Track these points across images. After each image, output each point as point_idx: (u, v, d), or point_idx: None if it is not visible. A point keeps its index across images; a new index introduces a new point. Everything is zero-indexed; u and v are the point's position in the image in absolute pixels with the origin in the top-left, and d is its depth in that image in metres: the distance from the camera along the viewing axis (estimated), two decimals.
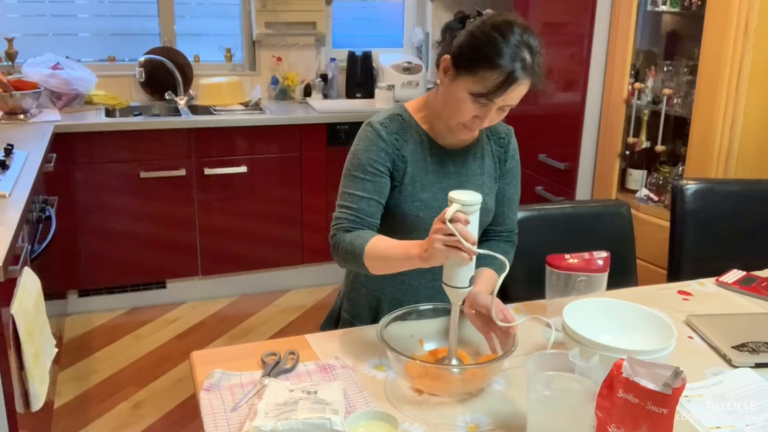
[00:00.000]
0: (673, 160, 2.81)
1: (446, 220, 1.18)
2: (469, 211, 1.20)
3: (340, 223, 1.46)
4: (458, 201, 1.20)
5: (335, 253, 1.46)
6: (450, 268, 1.25)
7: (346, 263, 1.45)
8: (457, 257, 1.20)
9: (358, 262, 1.39)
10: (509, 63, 1.30)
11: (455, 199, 1.20)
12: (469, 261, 1.21)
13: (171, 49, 3.75)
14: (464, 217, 1.19)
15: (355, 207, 1.45)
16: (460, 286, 1.25)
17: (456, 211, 1.19)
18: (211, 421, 1.17)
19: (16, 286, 1.75)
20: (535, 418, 1.09)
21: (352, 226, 1.45)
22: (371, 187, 1.46)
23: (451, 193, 1.21)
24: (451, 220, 1.18)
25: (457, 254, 1.19)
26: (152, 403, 2.68)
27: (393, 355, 1.25)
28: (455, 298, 1.28)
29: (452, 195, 1.21)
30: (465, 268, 1.23)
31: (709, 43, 2.40)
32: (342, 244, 1.43)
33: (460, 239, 1.17)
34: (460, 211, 1.19)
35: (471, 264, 1.23)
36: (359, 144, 1.49)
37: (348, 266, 1.46)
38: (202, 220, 3.42)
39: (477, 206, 1.21)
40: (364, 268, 1.39)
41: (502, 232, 1.63)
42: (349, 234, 1.43)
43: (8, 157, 2.33)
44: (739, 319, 1.57)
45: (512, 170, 1.60)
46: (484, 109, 1.36)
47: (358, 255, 1.38)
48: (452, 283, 1.25)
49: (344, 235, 1.43)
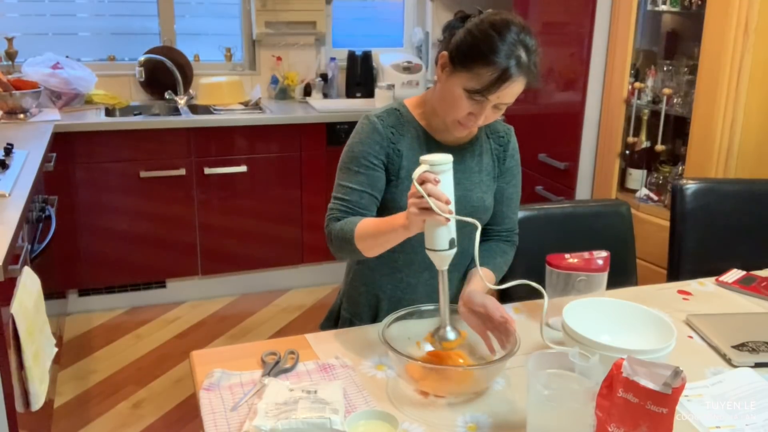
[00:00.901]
0: (673, 160, 2.81)
1: (414, 182, 1.17)
2: (438, 170, 1.19)
3: (332, 214, 1.48)
4: (426, 161, 1.19)
5: (330, 244, 1.48)
6: (429, 231, 1.24)
7: (341, 251, 1.46)
8: (434, 219, 1.20)
9: (350, 246, 1.40)
10: (504, 60, 1.31)
11: (423, 160, 1.20)
12: (445, 222, 1.21)
13: (171, 49, 3.75)
14: (433, 177, 1.19)
15: (347, 199, 1.47)
16: (440, 248, 1.24)
17: (424, 172, 1.18)
18: (210, 420, 1.17)
19: (16, 285, 1.75)
20: (535, 417, 1.09)
21: (342, 216, 1.46)
22: (364, 180, 1.47)
23: (421, 157, 1.21)
24: (420, 182, 1.18)
25: (432, 217, 1.19)
26: (152, 403, 2.68)
27: (395, 356, 1.25)
28: (438, 262, 1.27)
29: (422, 158, 1.21)
30: (443, 229, 1.22)
31: (709, 43, 2.40)
32: (334, 232, 1.44)
33: (429, 201, 1.17)
34: (429, 171, 1.19)
35: (450, 225, 1.23)
36: (355, 137, 1.51)
37: (344, 254, 1.46)
38: (202, 220, 3.42)
39: (446, 165, 1.21)
40: (357, 251, 1.40)
41: (502, 232, 1.63)
42: (339, 222, 1.45)
43: (8, 157, 2.33)
44: (739, 319, 1.57)
45: (511, 169, 1.61)
46: (479, 106, 1.37)
47: (350, 239, 1.39)
48: (431, 246, 1.25)
49: (335, 224, 1.45)
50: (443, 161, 1.20)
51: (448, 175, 1.21)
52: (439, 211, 1.18)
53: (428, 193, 1.17)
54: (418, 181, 1.18)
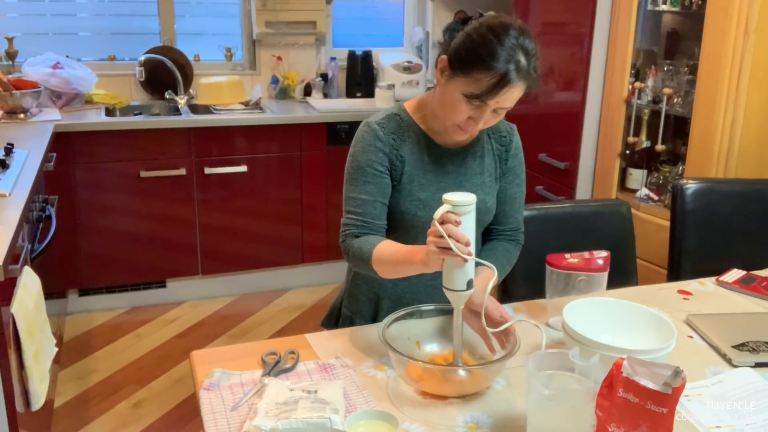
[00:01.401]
0: (673, 160, 2.81)
1: (436, 221, 1.17)
2: (460, 212, 1.19)
3: (348, 230, 1.48)
4: (449, 201, 1.19)
5: (347, 259, 1.49)
6: (447, 270, 1.24)
7: (357, 268, 1.48)
8: (453, 260, 1.20)
9: (368, 267, 1.42)
10: (503, 65, 1.30)
11: (447, 200, 1.19)
12: (463, 264, 1.21)
13: (171, 49, 3.75)
14: (454, 218, 1.18)
15: (360, 211, 1.47)
16: (457, 288, 1.24)
17: (446, 212, 1.18)
18: (211, 420, 1.17)
19: (16, 285, 1.75)
20: (535, 417, 1.09)
21: (360, 231, 1.46)
22: (374, 189, 1.47)
23: (445, 195, 1.20)
24: (441, 222, 1.17)
25: (452, 257, 1.19)
26: (152, 403, 2.68)
27: (395, 357, 1.25)
28: (455, 301, 1.27)
29: (445, 197, 1.20)
30: (461, 270, 1.22)
31: (710, 43, 2.40)
32: (352, 251, 1.45)
33: (449, 241, 1.16)
34: (451, 212, 1.18)
35: (468, 266, 1.22)
36: (357, 145, 1.50)
37: (360, 270, 1.49)
38: (202, 220, 3.42)
39: (470, 207, 1.20)
40: (374, 272, 1.41)
41: (506, 231, 1.62)
42: (358, 240, 1.44)
43: (8, 157, 2.33)
44: (739, 319, 1.57)
45: (514, 169, 1.60)
46: (478, 110, 1.36)
47: (367, 260, 1.40)
48: (449, 286, 1.25)
49: (353, 241, 1.45)
50: (466, 203, 1.19)
51: (470, 216, 1.21)
52: (459, 252, 1.17)
53: (448, 234, 1.17)
54: (439, 221, 1.18)
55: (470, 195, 1.21)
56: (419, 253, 1.27)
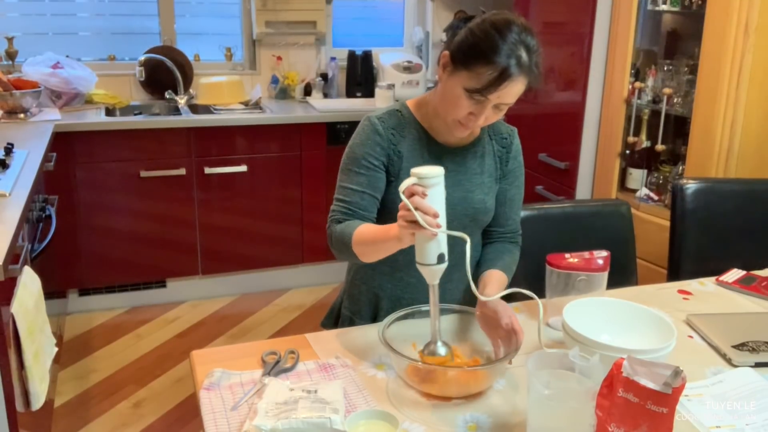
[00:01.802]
0: (673, 160, 2.81)
1: (401, 194, 1.16)
2: (427, 184, 1.17)
3: (333, 216, 1.49)
4: (414, 174, 1.18)
5: (330, 245, 1.49)
6: (418, 245, 1.23)
7: (340, 253, 1.47)
8: (422, 233, 1.18)
9: (348, 251, 1.41)
10: (504, 60, 1.31)
11: (413, 173, 1.18)
12: (431, 236, 1.19)
13: (171, 48, 3.75)
14: (421, 190, 1.17)
15: (348, 200, 1.48)
16: (428, 262, 1.22)
17: (411, 185, 1.17)
18: (211, 420, 1.17)
19: (16, 285, 1.75)
20: (535, 417, 1.09)
21: (343, 218, 1.47)
22: (365, 181, 1.48)
23: (412, 169, 1.19)
24: (408, 194, 1.16)
25: (420, 230, 1.18)
26: (152, 402, 2.68)
27: (395, 357, 1.25)
28: (428, 276, 1.26)
29: (412, 170, 1.19)
30: (431, 243, 1.21)
31: (710, 43, 2.40)
32: (334, 235, 1.46)
33: (416, 214, 1.15)
34: (418, 184, 1.17)
35: (439, 239, 1.21)
36: (356, 138, 1.51)
37: (342, 256, 1.47)
38: (202, 220, 3.42)
39: (437, 179, 1.19)
40: (354, 256, 1.40)
41: (506, 233, 1.63)
42: (340, 225, 1.45)
43: (8, 157, 2.33)
44: (739, 319, 1.57)
45: (514, 171, 1.61)
46: (480, 106, 1.37)
47: (347, 243, 1.40)
48: (420, 260, 1.23)
49: (336, 226, 1.46)
50: (432, 174, 1.18)
51: (438, 188, 1.19)
52: (426, 225, 1.16)
53: (415, 207, 1.16)
54: (407, 194, 1.17)
55: (438, 167, 1.20)
56: (393, 229, 1.26)
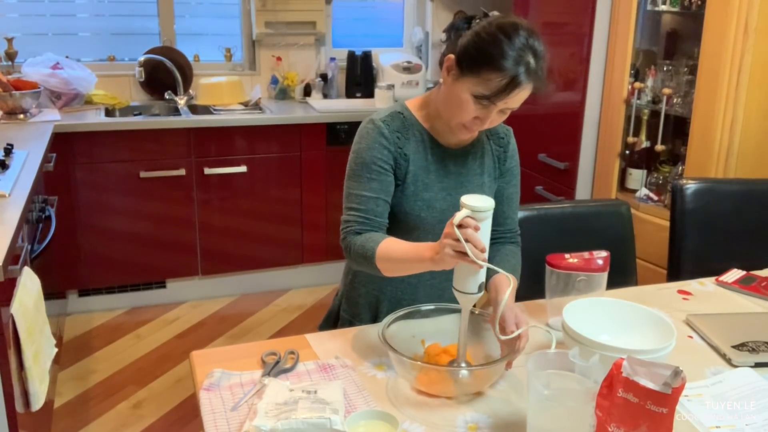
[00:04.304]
0: (673, 160, 2.81)
1: (455, 226, 1.16)
2: (479, 217, 1.18)
3: (349, 226, 1.45)
4: (469, 206, 1.18)
5: (348, 256, 1.46)
6: (459, 273, 1.24)
7: (359, 266, 1.45)
8: (467, 264, 1.19)
9: (370, 265, 1.39)
10: (513, 66, 1.30)
11: (466, 205, 1.18)
12: (477, 269, 1.20)
13: (171, 49, 3.75)
14: (474, 224, 1.17)
15: (363, 208, 1.45)
16: (468, 291, 1.24)
17: (465, 217, 1.17)
18: (211, 420, 1.17)
19: (16, 285, 1.75)
20: (535, 417, 1.09)
21: (362, 228, 1.44)
22: (377, 186, 1.45)
23: (462, 198, 1.19)
24: (460, 226, 1.17)
25: (466, 262, 1.18)
26: (152, 403, 2.68)
27: (395, 356, 1.25)
28: (464, 303, 1.27)
29: (464, 200, 1.19)
30: (474, 275, 1.22)
31: (709, 43, 2.40)
32: (354, 248, 1.42)
33: (466, 246, 1.15)
34: (470, 216, 1.17)
35: (480, 271, 1.22)
36: (361, 142, 1.48)
37: (361, 269, 1.45)
38: (202, 220, 3.42)
39: (488, 213, 1.19)
40: (376, 270, 1.39)
41: (506, 233, 1.62)
42: (360, 236, 1.42)
43: (8, 157, 2.33)
44: (739, 319, 1.57)
45: (512, 170, 1.61)
46: (486, 110, 1.36)
47: (370, 257, 1.37)
48: (461, 288, 1.25)
49: (355, 238, 1.43)
50: (485, 208, 1.18)
51: (487, 222, 1.20)
52: (475, 258, 1.16)
53: (466, 239, 1.16)
54: (458, 226, 1.17)
55: (489, 200, 1.20)
56: (429, 251, 1.26)
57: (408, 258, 1.33)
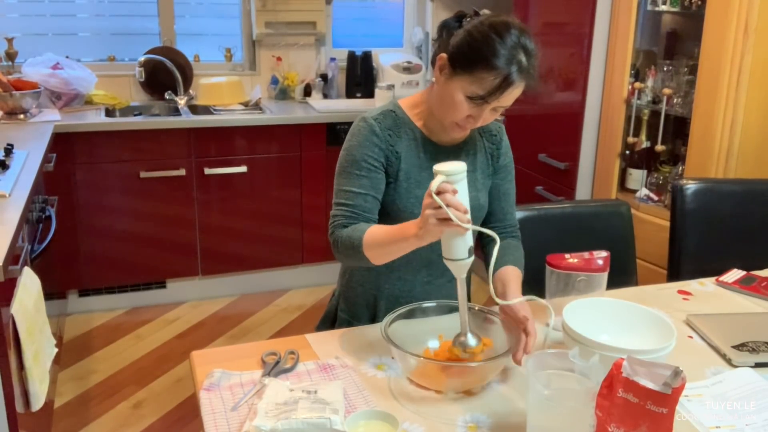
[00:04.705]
0: (673, 160, 2.81)
1: (433, 193, 1.17)
2: (454, 180, 1.19)
3: (337, 221, 1.46)
4: (442, 171, 1.18)
5: (336, 251, 1.46)
6: (447, 241, 1.24)
7: (347, 259, 1.44)
8: (452, 230, 1.19)
9: (358, 255, 1.38)
10: (506, 65, 1.31)
11: (439, 171, 1.19)
12: (464, 232, 1.21)
13: (171, 49, 3.75)
14: (451, 188, 1.18)
15: (351, 203, 1.45)
16: (459, 257, 1.24)
17: (441, 182, 1.18)
18: (211, 420, 1.17)
19: (16, 285, 1.75)
20: (534, 417, 1.09)
21: (348, 222, 1.44)
22: (367, 183, 1.46)
23: (435, 166, 1.20)
24: (438, 192, 1.17)
25: (451, 227, 1.18)
26: (152, 403, 2.68)
27: (397, 352, 1.25)
28: (457, 271, 1.27)
29: (436, 167, 1.20)
30: (461, 239, 1.22)
31: (709, 43, 2.40)
32: (341, 240, 1.42)
33: (448, 211, 1.16)
34: (446, 181, 1.18)
35: (467, 234, 1.22)
36: (352, 140, 1.49)
37: (350, 261, 1.45)
38: (202, 220, 3.42)
39: (462, 174, 1.20)
40: (365, 259, 1.38)
41: (506, 229, 1.63)
42: (346, 229, 1.43)
43: (8, 157, 2.33)
44: (739, 319, 1.57)
45: (506, 166, 1.61)
46: (478, 109, 1.37)
47: (357, 246, 1.37)
48: (451, 256, 1.25)
49: (342, 231, 1.43)
50: (458, 170, 1.19)
51: (463, 183, 1.21)
52: (459, 221, 1.17)
53: (447, 204, 1.16)
54: (436, 192, 1.17)
55: (460, 163, 1.21)
56: (411, 228, 1.26)
57: (394, 239, 1.32)
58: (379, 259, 1.39)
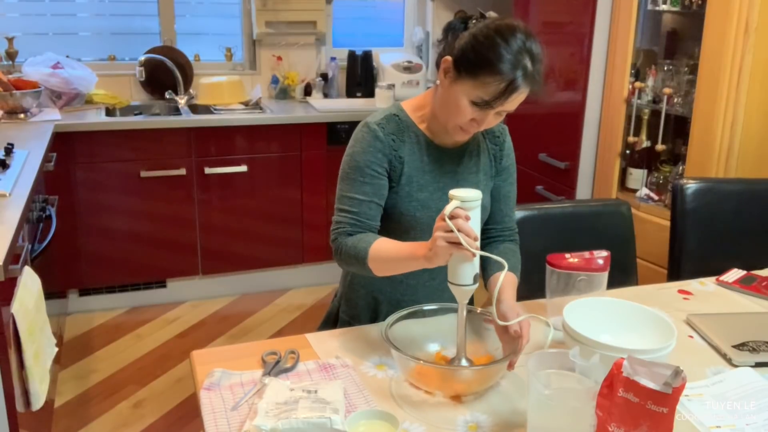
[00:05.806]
0: (673, 160, 2.81)
1: (446, 217, 1.18)
2: (468, 207, 1.21)
3: (341, 227, 1.45)
4: (458, 197, 1.20)
5: (338, 258, 1.46)
6: (454, 265, 1.25)
7: (348, 267, 1.45)
8: (460, 254, 1.21)
9: (361, 265, 1.39)
10: (511, 71, 1.30)
11: (455, 196, 1.21)
12: (471, 258, 1.21)
13: (171, 49, 3.75)
14: (464, 213, 1.19)
15: (355, 210, 1.45)
16: (464, 283, 1.25)
17: (455, 208, 1.19)
18: (211, 420, 1.17)
19: (16, 285, 1.75)
20: (535, 417, 1.09)
21: (353, 230, 1.44)
22: (370, 190, 1.46)
23: (451, 191, 1.22)
24: (451, 217, 1.18)
25: (460, 251, 1.19)
26: (152, 403, 2.68)
27: (397, 355, 1.25)
28: (460, 297, 1.27)
29: (452, 192, 1.21)
30: (468, 265, 1.23)
31: (710, 43, 2.40)
32: (345, 248, 1.42)
33: (459, 236, 1.17)
34: (460, 207, 1.20)
35: (474, 261, 1.23)
36: (356, 146, 1.48)
37: (350, 269, 1.46)
38: (203, 220, 3.42)
39: (477, 202, 1.22)
40: (368, 270, 1.39)
41: (505, 231, 1.62)
42: (351, 238, 1.43)
43: (8, 157, 2.33)
44: (740, 319, 1.57)
45: (508, 168, 1.61)
46: (482, 113, 1.36)
47: (362, 258, 1.38)
48: (456, 281, 1.25)
49: (346, 239, 1.43)
50: (473, 197, 1.21)
51: (476, 211, 1.23)
52: (468, 246, 1.18)
53: (458, 229, 1.17)
54: (449, 217, 1.19)
55: (476, 191, 1.22)
56: (422, 249, 1.27)
57: (401, 257, 1.33)
58: (383, 272, 1.40)
